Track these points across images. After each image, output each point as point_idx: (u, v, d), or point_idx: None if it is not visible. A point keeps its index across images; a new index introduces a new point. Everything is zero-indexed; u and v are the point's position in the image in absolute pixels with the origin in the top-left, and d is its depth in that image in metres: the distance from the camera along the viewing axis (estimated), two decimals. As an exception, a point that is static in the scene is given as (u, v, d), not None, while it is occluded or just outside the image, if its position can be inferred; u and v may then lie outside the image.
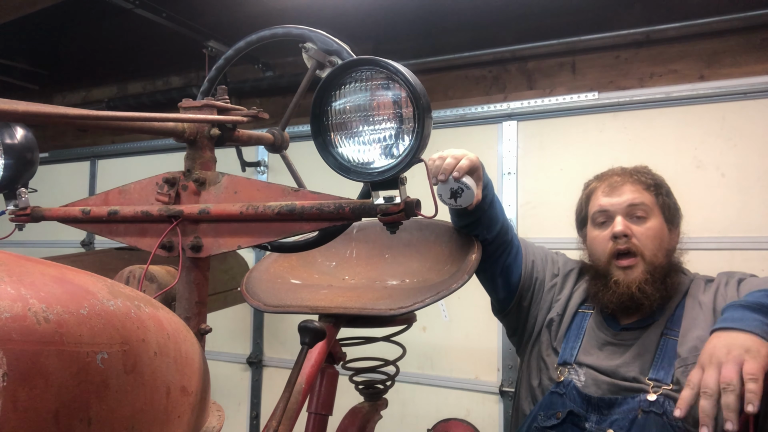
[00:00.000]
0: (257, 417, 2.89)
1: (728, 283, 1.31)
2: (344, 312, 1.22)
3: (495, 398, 2.38)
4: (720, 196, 2.09)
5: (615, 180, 1.40)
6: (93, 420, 0.51)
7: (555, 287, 1.50)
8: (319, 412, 1.29)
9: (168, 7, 2.43)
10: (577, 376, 1.33)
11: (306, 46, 1.05)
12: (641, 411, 1.20)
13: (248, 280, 1.41)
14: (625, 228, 1.32)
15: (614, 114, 2.28)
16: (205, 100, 0.98)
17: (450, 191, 1.30)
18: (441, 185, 1.30)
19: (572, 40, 2.36)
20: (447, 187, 1.30)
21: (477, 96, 2.62)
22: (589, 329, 1.40)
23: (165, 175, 0.98)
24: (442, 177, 1.28)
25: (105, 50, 3.12)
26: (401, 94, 0.78)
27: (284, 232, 0.89)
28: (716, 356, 1.00)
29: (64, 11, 2.46)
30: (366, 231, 1.57)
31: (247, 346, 2.93)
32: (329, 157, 0.83)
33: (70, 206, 1.06)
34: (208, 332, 0.97)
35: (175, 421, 0.64)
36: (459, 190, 1.29)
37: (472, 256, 1.34)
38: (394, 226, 0.83)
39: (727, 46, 2.20)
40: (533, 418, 1.35)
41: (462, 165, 1.27)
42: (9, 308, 0.48)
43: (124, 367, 0.55)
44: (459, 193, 1.29)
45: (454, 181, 1.28)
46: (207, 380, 0.77)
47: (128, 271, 1.05)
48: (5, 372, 0.45)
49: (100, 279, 0.62)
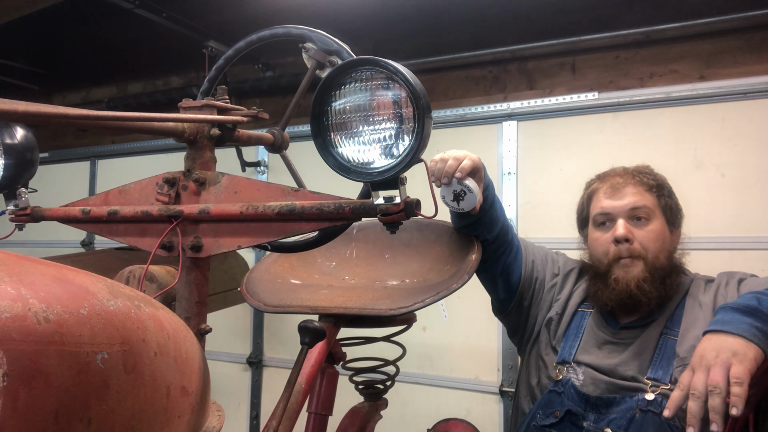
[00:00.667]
0: (257, 417, 2.89)
1: (728, 284, 1.31)
2: (344, 312, 1.22)
3: (495, 398, 2.38)
4: (720, 196, 2.09)
5: (617, 181, 1.39)
6: (93, 420, 0.51)
7: (555, 287, 1.51)
8: (319, 412, 1.29)
9: (168, 7, 2.43)
10: (575, 374, 1.33)
11: (306, 46, 1.05)
12: (639, 410, 1.21)
13: (248, 280, 1.41)
14: (626, 232, 1.32)
15: (614, 114, 2.27)
16: (205, 100, 0.98)
17: (453, 194, 1.29)
18: (444, 188, 1.29)
19: (572, 40, 2.36)
20: (450, 190, 1.29)
21: (477, 96, 2.62)
22: (588, 328, 1.40)
23: (165, 175, 0.98)
24: (446, 180, 1.27)
25: (105, 50, 3.11)
26: (401, 94, 0.78)
27: (284, 232, 0.89)
28: (706, 359, 1.03)
29: (64, 11, 2.45)
30: (366, 231, 1.57)
31: (247, 346, 2.93)
32: (329, 157, 0.83)
33: (70, 206, 1.06)
34: (208, 332, 0.97)
35: (175, 421, 0.64)
36: (462, 193, 1.28)
37: (472, 256, 1.34)
38: (394, 226, 0.83)
39: (727, 46, 2.20)
40: (532, 416, 1.35)
41: (464, 165, 1.26)
42: (9, 308, 0.48)
43: (124, 367, 0.55)
44: (462, 195, 1.28)
45: (456, 183, 1.27)
46: (207, 380, 0.77)
47: (128, 271, 1.05)
48: (5, 372, 0.45)
49: (100, 279, 0.62)
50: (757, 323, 1.04)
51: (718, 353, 1.02)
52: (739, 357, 1.00)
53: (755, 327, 1.04)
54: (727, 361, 1.00)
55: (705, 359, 1.03)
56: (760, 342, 1.02)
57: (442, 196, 1.30)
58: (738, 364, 0.99)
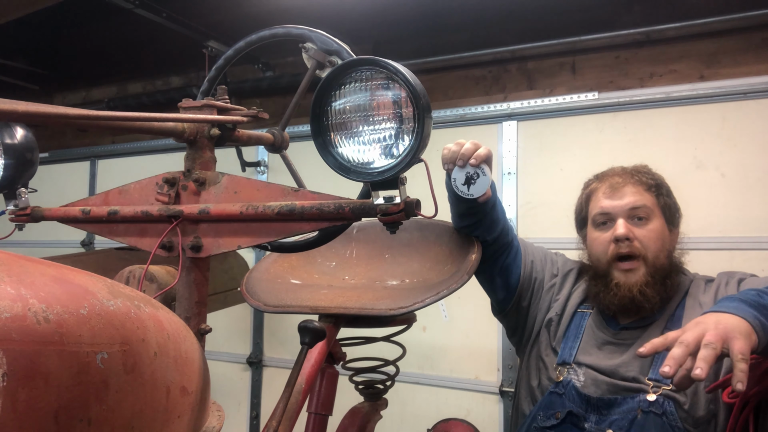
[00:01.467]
0: (257, 417, 2.89)
1: (728, 283, 1.31)
2: (344, 312, 1.22)
3: (495, 398, 2.38)
4: (720, 196, 2.09)
5: (616, 181, 1.39)
6: (93, 420, 0.51)
7: (554, 287, 1.50)
8: (319, 412, 1.29)
9: (168, 7, 2.43)
10: (576, 375, 1.33)
11: (306, 46, 1.05)
12: (641, 411, 1.20)
13: (248, 280, 1.41)
14: (627, 231, 1.32)
15: (614, 114, 2.27)
16: (205, 100, 0.98)
17: (465, 176, 1.27)
18: (457, 170, 1.27)
19: (572, 40, 2.36)
20: (463, 172, 1.27)
21: (477, 96, 2.62)
22: (588, 329, 1.40)
23: (165, 175, 0.98)
24: (461, 162, 1.26)
25: (105, 50, 3.11)
26: (401, 94, 0.78)
27: (284, 232, 0.89)
28: (703, 323, 0.98)
29: (64, 11, 2.46)
30: (366, 231, 1.57)
31: (247, 346, 2.93)
32: (329, 157, 0.83)
33: (70, 206, 1.06)
34: (208, 332, 0.97)
35: (175, 421, 0.64)
36: (475, 176, 1.26)
37: (472, 256, 1.34)
38: (394, 226, 0.83)
39: (727, 46, 2.20)
40: (533, 418, 1.35)
41: (480, 153, 1.26)
42: (9, 308, 0.48)
43: (124, 367, 0.55)
44: (474, 179, 1.26)
45: (470, 167, 1.26)
46: (207, 380, 0.77)
47: (128, 271, 1.05)
48: (5, 372, 0.45)
49: (100, 279, 0.62)
50: (760, 316, 1.01)
51: (717, 322, 0.97)
52: (743, 334, 0.94)
53: (757, 318, 1.00)
54: (726, 332, 0.94)
55: (701, 324, 0.98)
56: (759, 332, 0.98)
57: (453, 179, 1.28)
58: (742, 339, 0.93)
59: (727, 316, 0.99)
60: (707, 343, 0.92)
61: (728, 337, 0.94)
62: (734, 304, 1.05)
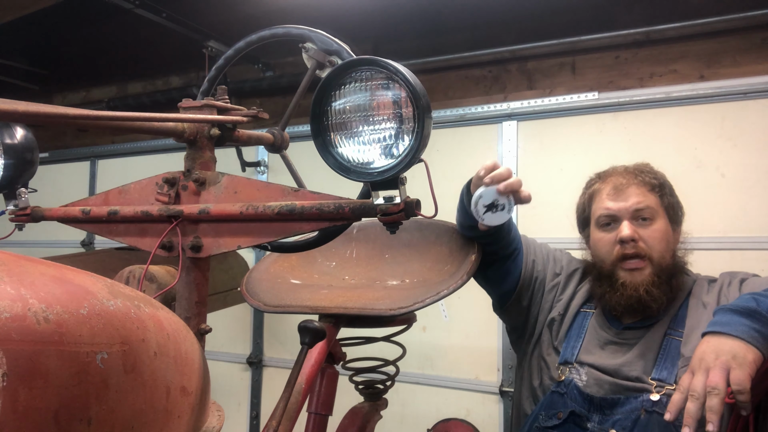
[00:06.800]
0: (257, 417, 2.89)
1: (731, 284, 1.31)
2: (344, 312, 1.22)
3: (495, 398, 2.38)
4: (720, 196, 2.09)
5: (620, 182, 1.38)
6: (93, 420, 0.51)
7: (557, 287, 1.50)
8: (319, 412, 1.29)
9: (168, 7, 2.43)
10: (578, 375, 1.33)
11: (306, 46, 1.05)
12: (644, 411, 1.20)
13: (248, 280, 1.41)
14: (632, 233, 1.32)
15: (614, 114, 2.27)
16: (205, 100, 0.98)
17: (492, 202, 1.18)
18: (485, 190, 1.18)
19: (572, 40, 2.36)
20: (490, 195, 1.18)
21: (477, 96, 2.62)
22: (591, 328, 1.40)
23: (165, 175, 0.98)
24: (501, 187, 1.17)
25: (105, 50, 3.11)
26: (401, 94, 0.78)
27: (284, 232, 0.89)
28: (705, 361, 1.03)
29: (64, 11, 2.45)
30: (366, 231, 1.57)
31: (247, 346, 2.93)
32: (329, 157, 0.83)
33: (70, 206, 1.06)
34: (208, 332, 0.97)
35: (175, 421, 0.64)
36: (500, 206, 1.18)
37: (472, 257, 1.34)
38: (394, 226, 0.83)
39: (727, 46, 2.20)
40: (534, 418, 1.35)
41: (512, 182, 1.18)
42: (9, 308, 0.48)
43: (124, 367, 0.55)
44: (497, 208, 1.18)
45: (499, 194, 1.18)
46: (207, 380, 0.77)
47: (128, 271, 1.05)
48: (5, 372, 0.45)
49: (100, 279, 0.62)
50: (755, 325, 1.04)
51: (717, 355, 1.02)
52: (739, 360, 1.00)
53: (754, 329, 1.04)
54: (727, 363, 1.00)
55: (704, 361, 1.03)
56: (759, 344, 1.02)
57: (478, 196, 1.19)
58: (738, 368, 0.99)
59: (724, 341, 1.04)
60: (711, 390, 0.99)
61: (728, 367, 1.00)
62: (728, 319, 1.08)
